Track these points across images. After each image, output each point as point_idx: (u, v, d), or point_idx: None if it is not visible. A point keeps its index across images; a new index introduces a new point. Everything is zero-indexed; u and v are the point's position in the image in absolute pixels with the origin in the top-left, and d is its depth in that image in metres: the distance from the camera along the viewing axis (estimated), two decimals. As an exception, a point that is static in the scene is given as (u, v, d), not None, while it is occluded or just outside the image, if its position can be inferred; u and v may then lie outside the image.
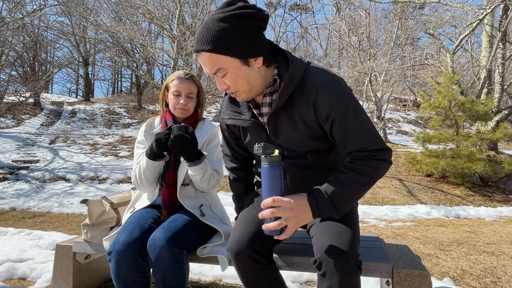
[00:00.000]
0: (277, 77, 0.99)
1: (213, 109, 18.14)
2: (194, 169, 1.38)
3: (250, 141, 1.16)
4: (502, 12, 7.44)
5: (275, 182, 0.88)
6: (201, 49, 0.92)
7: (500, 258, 2.40)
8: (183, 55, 10.15)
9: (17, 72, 15.09)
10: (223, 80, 0.96)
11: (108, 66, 27.78)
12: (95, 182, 7.39)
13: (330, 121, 0.97)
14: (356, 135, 0.94)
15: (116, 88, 34.18)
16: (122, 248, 1.22)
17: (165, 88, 1.60)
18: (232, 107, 1.14)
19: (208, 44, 0.90)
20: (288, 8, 25.62)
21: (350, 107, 0.95)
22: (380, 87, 12.31)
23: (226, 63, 0.92)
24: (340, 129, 0.96)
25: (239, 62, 0.93)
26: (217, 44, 0.89)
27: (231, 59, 0.92)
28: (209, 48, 0.90)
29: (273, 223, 0.85)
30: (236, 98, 1.03)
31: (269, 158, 0.88)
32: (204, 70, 0.99)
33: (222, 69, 0.93)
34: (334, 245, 0.90)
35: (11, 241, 2.60)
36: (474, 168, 6.06)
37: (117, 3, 12.92)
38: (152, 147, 1.34)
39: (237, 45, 0.90)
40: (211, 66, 0.94)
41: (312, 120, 1.00)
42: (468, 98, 6.67)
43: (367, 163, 0.93)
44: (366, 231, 3.48)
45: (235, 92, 0.99)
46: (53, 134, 12.45)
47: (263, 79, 1.00)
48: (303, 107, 0.99)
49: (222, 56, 0.91)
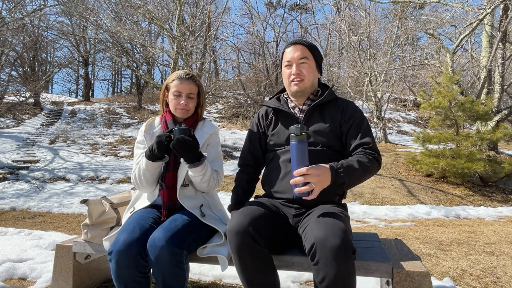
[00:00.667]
0: (320, 90, 1.47)
1: (213, 109, 18.13)
2: (194, 170, 1.38)
3: (279, 130, 1.46)
4: (502, 12, 7.44)
5: (303, 155, 1.13)
6: (301, 43, 1.42)
7: (500, 258, 2.40)
8: (183, 55, 10.15)
9: (17, 72, 15.08)
10: (300, 67, 1.40)
11: (108, 66, 27.76)
12: (95, 182, 7.39)
13: (351, 122, 1.38)
14: (366, 136, 1.35)
15: (116, 88, 34.18)
16: (122, 248, 1.22)
17: (165, 88, 1.59)
18: (277, 101, 1.53)
19: (307, 43, 1.44)
20: (288, 8, 25.57)
21: (365, 121, 1.41)
22: (380, 87, 12.30)
23: (310, 58, 1.42)
24: (356, 129, 1.37)
25: (315, 64, 1.45)
26: (313, 47, 1.45)
27: (313, 59, 1.44)
28: (307, 45, 1.43)
29: (305, 187, 1.10)
30: (297, 84, 1.40)
31: (300, 136, 1.13)
32: (290, 56, 1.41)
33: (307, 58, 1.40)
34: (327, 233, 1.03)
35: (11, 241, 2.60)
36: (474, 168, 6.05)
37: (117, 3, 12.91)
38: (153, 148, 1.33)
39: (320, 57, 1.48)
40: (302, 53, 1.40)
41: (338, 119, 1.39)
42: (468, 98, 6.66)
43: (368, 157, 1.29)
44: (366, 231, 3.48)
45: (301, 80, 1.40)
46: (53, 134, 12.45)
47: (314, 85, 1.47)
48: (334, 109, 1.42)
49: (311, 54, 1.43)
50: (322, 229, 1.06)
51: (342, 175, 1.18)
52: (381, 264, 1.20)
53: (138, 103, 18.13)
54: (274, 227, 1.24)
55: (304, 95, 1.44)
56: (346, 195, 1.46)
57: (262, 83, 16.70)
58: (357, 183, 1.26)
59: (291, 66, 1.41)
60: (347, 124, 1.38)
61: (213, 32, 13.55)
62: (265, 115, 1.55)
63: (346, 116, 1.39)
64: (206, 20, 13.04)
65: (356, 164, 1.23)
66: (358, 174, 1.23)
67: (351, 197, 5.70)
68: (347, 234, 1.04)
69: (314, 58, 1.43)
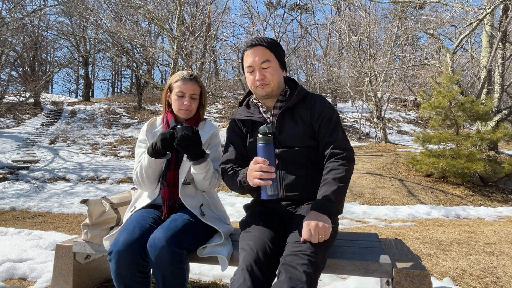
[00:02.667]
0: (288, 89, 1.41)
1: (213, 109, 18.14)
2: (198, 167, 1.39)
3: (255, 138, 1.36)
4: (502, 12, 7.44)
5: (270, 156, 1.12)
6: (259, 44, 1.31)
7: (500, 258, 2.40)
8: (183, 55, 10.15)
9: (17, 72, 15.07)
10: (263, 71, 1.32)
11: (108, 66, 27.79)
12: (95, 182, 7.39)
13: (319, 121, 1.34)
14: (334, 133, 1.32)
15: (116, 88, 34.18)
16: (122, 248, 1.22)
17: (168, 88, 1.59)
18: (247, 110, 1.45)
19: (267, 43, 1.32)
20: (288, 8, 25.57)
21: (334, 116, 1.36)
22: (380, 87, 12.31)
23: (272, 59, 1.33)
24: (324, 127, 1.34)
25: (278, 64, 1.36)
26: (273, 45, 1.34)
27: (276, 59, 1.34)
28: (267, 45, 1.32)
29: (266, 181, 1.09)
30: (263, 89, 1.34)
31: (265, 138, 1.12)
32: (251, 60, 1.32)
33: (269, 61, 1.31)
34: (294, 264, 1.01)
35: (11, 241, 2.60)
36: (474, 168, 6.05)
37: (117, 3, 12.91)
38: (156, 145, 1.34)
39: (282, 54, 1.38)
40: (262, 56, 1.30)
41: (308, 119, 1.36)
42: (468, 98, 6.66)
43: (338, 162, 1.26)
44: (366, 231, 3.48)
45: (266, 84, 1.33)
46: (53, 134, 12.45)
47: (281, 85, 1.40)
48: (303, 110, 1.37)
49: (272, 54, 1.33)
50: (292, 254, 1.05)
51: (332, 208, 1.17)
52: (381, 264, 1.20)
53: (138, 103, 18.14)
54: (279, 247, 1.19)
55: (272, 96, 1.39)
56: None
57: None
58: (345, 192, 1.25)
59: (253, 71, 1.34)
60: (316, 123, 1.35)
61: (213, 32, 13.55)
62: (241, 122, 1.46)
63: (314, 116, 1.35)
64: (206, 20, 13.04)
65: (333, 185, 1.20)
66: (341, 190, 1.21)
67: (351, 197, 5.70)
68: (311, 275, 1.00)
69: (277, 57, 1.35)
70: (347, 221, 4.14)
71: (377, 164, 7.87)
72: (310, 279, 0.97)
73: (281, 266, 1.03)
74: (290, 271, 0.99)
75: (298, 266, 0.99)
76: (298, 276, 0.97)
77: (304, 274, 0.97)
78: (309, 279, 0.97)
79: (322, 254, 1.09)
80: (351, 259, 1.24)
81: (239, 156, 1.42)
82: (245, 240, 1.19)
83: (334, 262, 1.23)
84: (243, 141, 1.45)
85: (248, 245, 1.14)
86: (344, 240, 1.51)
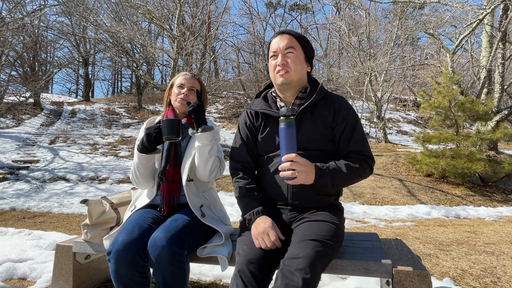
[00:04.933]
0: (309, 87, 1.37)
1: (213, 109, 18.13)
2: (204, 136, 1.39)
3: (267, 133, 1.36)
4: (502, 12, 7.43)
5: (291, 140, 1.12)
6: (288, 32, 1.32)
7: (500, 258, 2.40)
8: (183, 55, 10.15)
9: (17, 72, 15.07)
10: (286, 57, 1.30)
11: (108, 66, 27.79)
12: (95, 182, 7.39)
13: (343, 126, 1.30)
14: (359, 142, 1.29)
15: (116, 88, 34.19)
16: (121, 248, 1.22)
17: (170, 86, 1.67)
18: (264, 103, 1.41)
19: (295, 33, 1.33)
20: (288, 8, 25.58)
21: (358, 123, 1.33)
22: (380, 87, 12.31)
23: (298, 48, 1.31)
24: (349, 134, 1.30)
25: (303, 56, 1.34)
26: (302, 37, 1.34)
27: (302, 50, 1.33)
28: (294, 35, 1.32)
29: (288, 172, 1.11)
30: (282, 76, 1.30)
31: (287, 120, 1.11)
32: (276, 46, 1.31)
33: (293, 48, 1.30)
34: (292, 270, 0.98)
35: (11, 241, 2.59)
36: (474, 168, 6.05)
37: (117, 3, 12.91)
38: (143, 141, 1.37)
39: (310, 49, 1.37)
40: (288, 43, 1.29)
41: (329, 121, 1.31)
42: (468, 98, 6.66)
43: (360, 162, 1.26)
44: (366, 231, 3.48)
45: (286, 71, 1.29)
46: (53, 134, 12.45)
47: (302, 79, 1.36)
48: (325, 110, 1.32)
49: (299, 45, 1.32)
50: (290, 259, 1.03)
51: (325, 177, 1.17)
52: (381, 264, 1.20)
53: (138, 103, 18.13)
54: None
55: (291, 89, 1.34)
56: (342, 193, 1.45)
57: (262, 83, 16.70)
58: (345, 185, 1.25)
59: (276, 56, 1.31)
60: (339, 127, 1.30)
61: (213, 32, 13.55)
62: (255, 115, 1.42)
63: (338, 119, 1.30)
64: (206, 20, 13.04)
65: (344, 168, 1.21)
66: (344, 177, 1.21)
67: (351, 197, 5.70)
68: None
69: (303, 49, 1.32)
70: (347, 221, 4.13)
71: (377, 164, 7.87)
72: (307, 286, 0.94)
73: (279, 270, 1.01)
74: (287, 276, 0.96)
75: (296, 272, 0.96)
76: (295, 283, 0.94)
77: (301, 281, 0.94)
78: (306, 286, 0.94)
79: (324, 259, 1.06)
80: (351, 259, 1.24)
81: (250, 153, 1.41)
82: (240, 244, 1.19)
83: (334, 262, 1.23)
84: (253, 136, 1.41)
85: (243, 249, 1.14)
86: (344, 240, 1.51)
